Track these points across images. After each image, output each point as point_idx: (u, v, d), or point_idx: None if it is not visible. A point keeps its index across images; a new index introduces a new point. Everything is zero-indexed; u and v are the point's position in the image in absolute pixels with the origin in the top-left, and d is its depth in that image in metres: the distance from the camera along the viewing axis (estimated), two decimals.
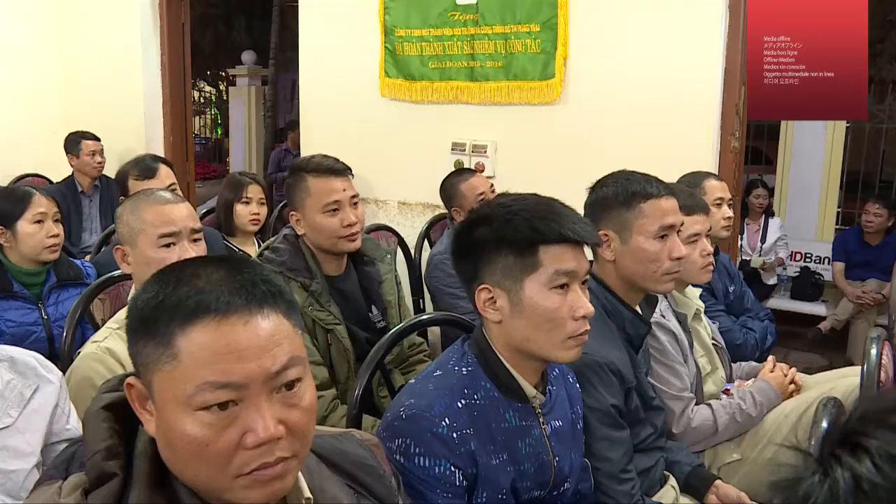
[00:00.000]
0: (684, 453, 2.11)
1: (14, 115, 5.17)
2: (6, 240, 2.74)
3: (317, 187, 2.34)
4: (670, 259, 1.89)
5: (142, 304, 0.95)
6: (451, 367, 1.51)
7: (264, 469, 0.92)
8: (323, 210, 2.33)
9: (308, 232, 2.36)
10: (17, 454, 1.52)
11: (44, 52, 5.39)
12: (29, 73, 5.32)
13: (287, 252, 2.35)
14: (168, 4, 5.16)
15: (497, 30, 3.84)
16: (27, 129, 5.21)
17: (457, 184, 3.49)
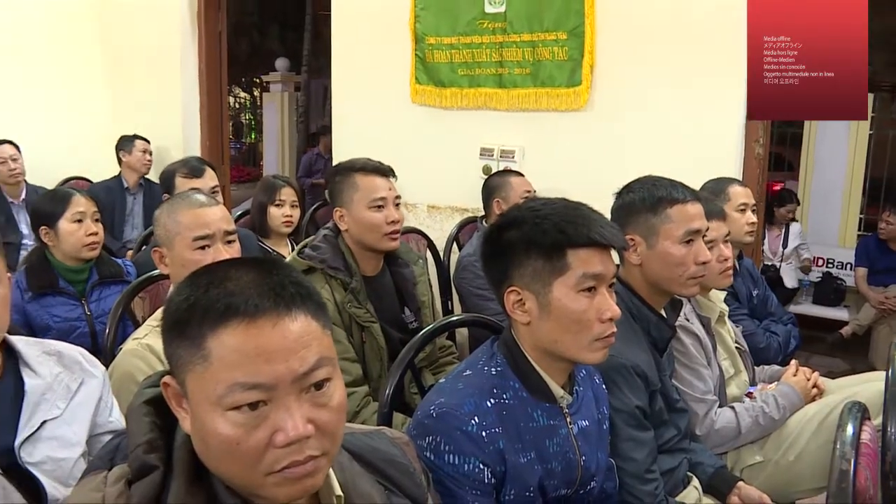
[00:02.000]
0: (707, 455, 2.12)
1: (59, 122, 5.32)
2: (50, 239, 2.83)
3: (364, 184, 2.42)
4: (696, 263, 1.91)
5: (175, 307, 0.98)
6: (481, 367, 1.53)
7: (294, 467, 0.94)
8: (369, 206, 2.40)
9: (352, 227, 2.42)
10: (65, 444, 1.57)
11: (88, 62, 5.54)
12: (73, 82, 5.46)
13: (327, 250, 2.40)
14: (206, 14, 5.27)
15: (525, 37, 3.89)
16: (71, 134, 5.35)
17: (507, 176, 3.53)
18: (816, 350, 5.39)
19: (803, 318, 4.92)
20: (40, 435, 1.54)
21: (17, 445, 1.50)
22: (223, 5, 5.40)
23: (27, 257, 2.98)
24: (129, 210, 4.91)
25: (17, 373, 1.57)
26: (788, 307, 5.08)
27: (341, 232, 2.46)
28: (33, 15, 5.29)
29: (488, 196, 3.56)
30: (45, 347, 1.65)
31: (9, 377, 1.56)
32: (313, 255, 2.39)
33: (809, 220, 6.68)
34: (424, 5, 4.16)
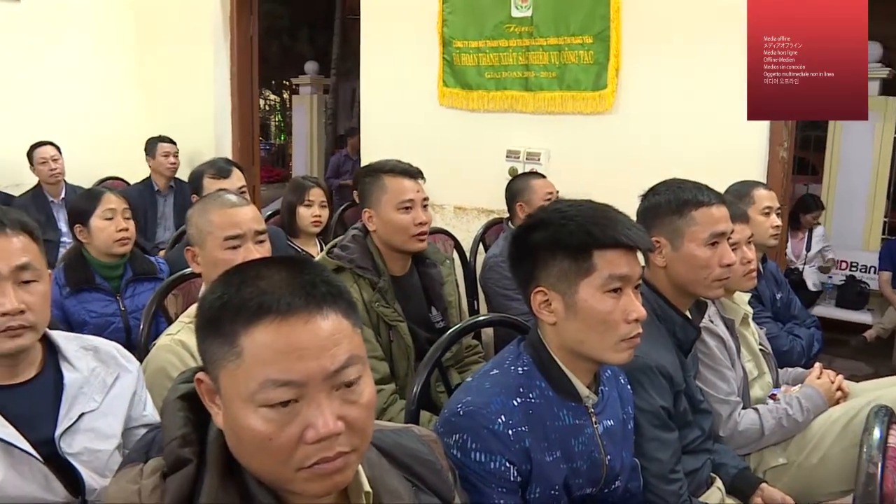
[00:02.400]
0: (731, 456, 2.12)
1: (96, 123, 5.45)
2: (84, 236, 2.90)
3: (393, 185, 2.45)
4: (720, 266, 1.92)
5: (208, 305, 0.99)
6: (508, 366, 1.55)
7: (324, 463, 0.95)
8: (397, 207, 2.43)
9: (380, 228, 2.45)
10: (101, 436, 1.61)
11: (124, 65, 5.68)
12: (110, 84, 5.61)
13: (356, 250, 2.43)
14: (238, 18, 5.35)
15: (551, 41, 3.90)
16: (108, 135, 5.47)
17: (529, 179, 3.56)
18: (839, 353, 5.35)
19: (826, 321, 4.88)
20: (78, 427, 1.58)
21: (58, 436, 1.54)
22: (255, 10, 5.47)
23: (65, 254, 3.05)
24: (160, 212, 4.98)
25: (56, 366, 1.61)
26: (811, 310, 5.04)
27: (370, 232, 2.49)
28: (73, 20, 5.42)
29: (511, 199, 3.58)
30: (82, 342, 1.70)
31: (49, 370, 1.60)
32: (342, 255, 2.42)
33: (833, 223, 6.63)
34: (452, 9, 4.20)
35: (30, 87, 5.21)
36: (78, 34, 5.45)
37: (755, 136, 3.36)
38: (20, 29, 5.18)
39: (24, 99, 5.16)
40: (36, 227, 1.61)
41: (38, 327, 1.55)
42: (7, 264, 1.50)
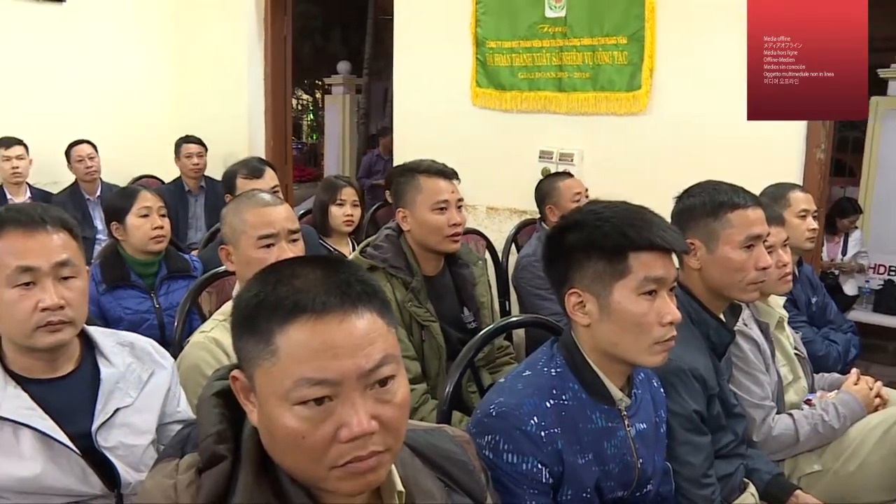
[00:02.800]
0: (764, 461, 2.09)
1: (132, 122, 5.53)
2: (120, 233, 2.93)
3: (428, 186, 2.46)
4: (756, 269, 1.90)
5: (244, 303, 1.00)
6: (541, 367, 1.54)
7: (358, 462, 0.95)
8: (432, 208, 2.43)
9: (414, 228, 2.46)
10: (136, 431, 1.63)
11: (159, 65, 5.77)
12: (146, 84, 5.69)
13: (389, 250, 2.44)
14: (272, 18, 5.40)
15: (585, 42, 3.89)
16: (144, 134, 5.55)
17: (556, 181, 3.55)
18: (877, 359, 5.26)
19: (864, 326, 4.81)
20: (114, 421, 1.60)
21: (94, 430, 1.57)
22: (289, 10, 5.51)
23: (101, 252, 3.10)
24: (191, 213, 5.03)
25: (93, 362, 1.64)
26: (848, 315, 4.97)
27: (403, 232, 2.50)
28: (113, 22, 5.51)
29: (541, 202, 3.59)
30: (119, 338, 1.72)
31: (86, 365, 1.63)
32: (375, 255, 2.44)
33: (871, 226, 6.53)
34: (486, 9, 4.19)
35: (69, 86, 5.30)
36: (117, 35, 5.54)
37: (791, 138, 3.32)
38: (62, 29, 5.27)
39: (64, 98, 5.25)
40: (75, 225, 1.63)
41: (77, 323, 1.58)
42: (47, 261, 1.52)
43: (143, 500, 1.02)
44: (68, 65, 5.29)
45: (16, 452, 1.50)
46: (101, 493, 1.56)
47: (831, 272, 5.81)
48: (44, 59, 5.17)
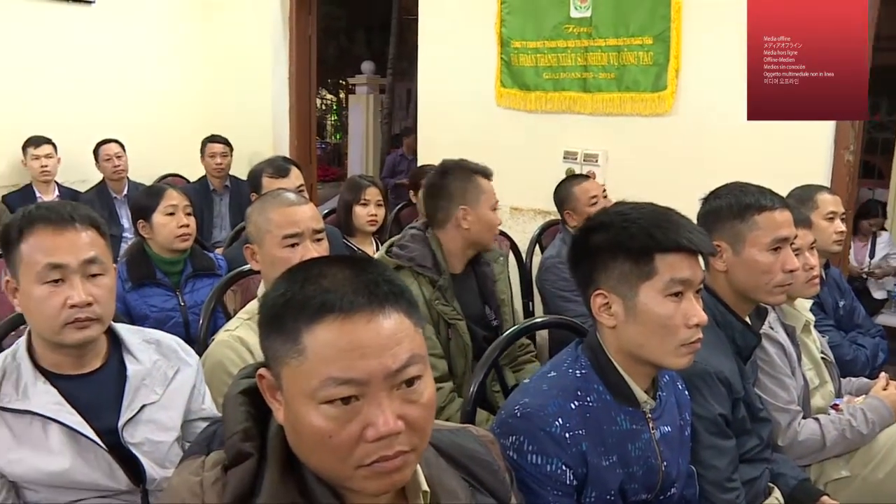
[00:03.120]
0: (790, 466, 2.07)
1: (158, 121, 5.58)
2: (146, 231, 2.96)
3: (487, 187, 2.55)
4: (783, 271, 1.88)
5: (272, 302, 1.00)
6: (566, 368, 1.54)
7: (384, 461, 0.95)
8: (492, 208, 2.53)
9: (474, 226, 2.51)
10: (162, 428, 1.65)
11: (185, 65, 5.81)
12: (172, 84, 5.74)
13: (416, 248, 2.46)
14: (297, 18, 5.43)
15: (610, 42, 3.87)
16: (169, 133, 5.61)
17: (571, 186, 3.53)
18: None
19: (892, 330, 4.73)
20: (140, 418, 1.62)
21: (120, 427, 1.58)
22: (314, 10, 5.54)
23: (127, 250, 3.12)
24: (216, 212, 5.05)
25: (120, 358, 1.65)
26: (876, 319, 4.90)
27: (429, 230, 2.52)
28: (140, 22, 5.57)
29: (559, 206, 3.59)
30: (145, 335, 1.74)
31: (113, 362, 1.65)
32: (401, 254, 2.45)
33: None
34: (510, 9, 4.19)
35: (97, 86, 5.36)
36: (144, 36, 5.60)
37: (819, 139, 3.29)
38: (91, 30, 5.33)
39: (92, 98, 5.31)
40: (103, 223, 1.65)
41: (105, 320, 1.60)
42: (76, 258, 1.54)
43: (170, 496, 1.03)
44: (96, 65, 5.35)
45: (45, 447, 1.52)
46: (126, 488, 1.58)
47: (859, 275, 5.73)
48: (73, 59, 5.23)
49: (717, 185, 2.01)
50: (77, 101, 5.22)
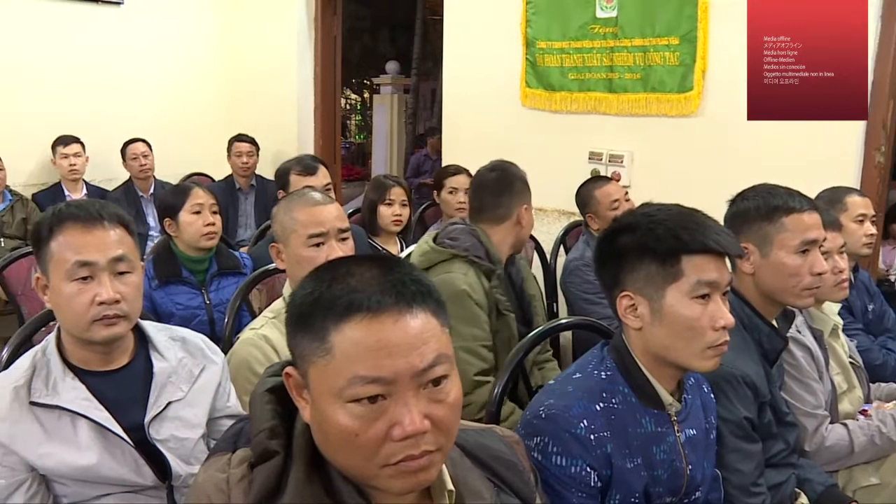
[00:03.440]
0: (817, 472, 2.05)
1: (184, 121, 5.65)
2: (173, 230, 2.98)
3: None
4: (811, 274, 1.86)
5: (299, 301, 1.00)
6: (591, 370, 1.54)
7: (409, 461, 0.95)
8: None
9: (527, 226, 2.61)
10: (187, 425, 1.66)
11: (211, 65, 5.87)
12: (197, 83, 5.80)
13: (468, 240, 2.47)
14: (322, 19, 5.45)
15: (636, 42, 3.85)
16: (195, 133, 5.66)
17: (592, 190, 3.53)
18: None
19: None
20: (165, 415, 1.64)
21: (147, 423, 1.60)
22: (339, 10, 5.56)
23: (154, 248, 3.15)
24: (241, 210, 5.10)
25: (147, 355, 1.67)
26: None
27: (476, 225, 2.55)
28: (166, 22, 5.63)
29: (581, 208, 3.59)
30: (171, 333, 1.76)
31: (140, 359, 1.67)
32: (455, 245, 2.47)
33: None
34: (536, 10, 4.18)
35: (125, 86, 5.42)
36: (171, 36, 5.66)
37: (849, 140, 3.24)
38: (120, 31, 5.39)
39: (119, 97, 5.38)
40: (131, 221, 1.67)
41: (132, 317, 1.61)
42: (104, 256, 1.56)
43: (196, 492, 1.03)
44: (125, 65, 5.42)
45: (74, 442, 1.54)
46: (152, 484, 1.60)
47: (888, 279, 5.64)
48: (101, 59, 5.30)
49: (745, 186, 1.99)
50: (105, 101, 5.29)
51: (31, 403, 1.53)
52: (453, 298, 2.35)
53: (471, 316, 2.36)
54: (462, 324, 2.33)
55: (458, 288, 2.35)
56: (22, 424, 1.52)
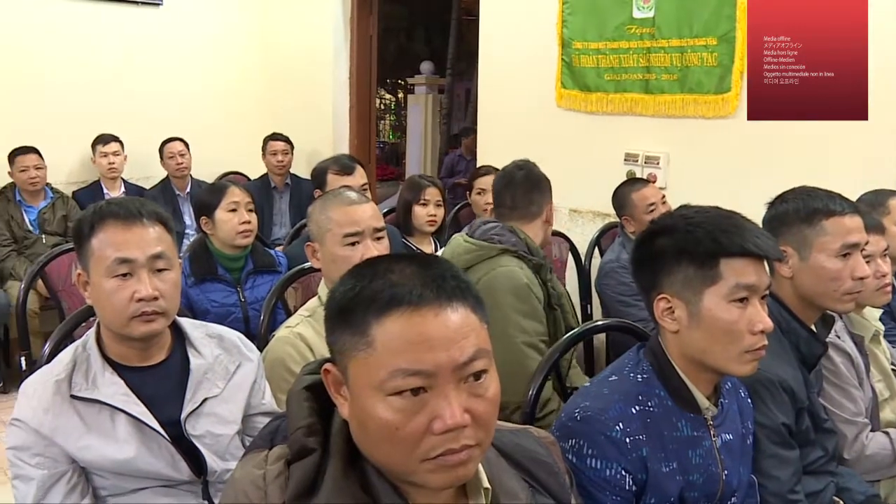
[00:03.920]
0: (857, 481, 2.00)
1: (221, 120, 5.71)
2: (209, 228, 3.01)
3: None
4: (852, 278, 1.83)
5: (340, 296, 1.01)
6: (627, 373, 1.53)
7: (449, 455, 0.96)
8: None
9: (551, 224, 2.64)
10: (223, 421, 1.68)
11: (248, 65, 5.92)
12: (234, 83, 5.87)
13: (511, 237, 2.48)
14: (358, 19, 5.48)
15: (674, 43, 3.81)
16: (231, 132, 5.72)
17: (628, 193, 3.51)
18: None
19: None
20: (202, 411, 1.66)
21: (183, 419, 1.62)
22: (375, 10, 5.58)
23: (190, 246, 3.18)
24: (276, 209, 5.15)
25: (183, 352, 1.69)
26: None
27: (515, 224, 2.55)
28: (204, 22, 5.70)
29: (617, 210, 3.58)
30: (207, 330, 1.77)
31: (177, 355, 1.69)
32: (502, 240, 2.47)
33: None
34: (572, 10, 4.16)
35: (163, 86, 5.49)
36: (208, 36, 5.73)
37: (891, 141, 3.18)
38: (159, 32, 5.48)
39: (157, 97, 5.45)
40: (170, 219, 1.69)
41: (170, 314, 1.63)
42: (143, 253, 1.58)
43: (233, 488, 1.04)
44: (163, 65, 5.49)
45: (112, 435, 1.56)
46: (188, 478, 1.62)
47: None
48: (141, 59, 5.39)
49: (784, 189, 1.96)
50: (143, 101, 5.36)
51: (71, 397, 1.55)
52: (517, 292, 2.36)
53: (532, 310, 2.37)
54: (525, 318, 2.33)
55: (521, 281, 2.36)
56: (63, 417, 1.54)
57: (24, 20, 4.90)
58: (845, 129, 3.22)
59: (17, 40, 4.87)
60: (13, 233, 4.52)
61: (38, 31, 4.95)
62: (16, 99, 4.85)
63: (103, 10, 5.22)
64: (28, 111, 4.88)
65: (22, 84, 4.88)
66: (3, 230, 4.50)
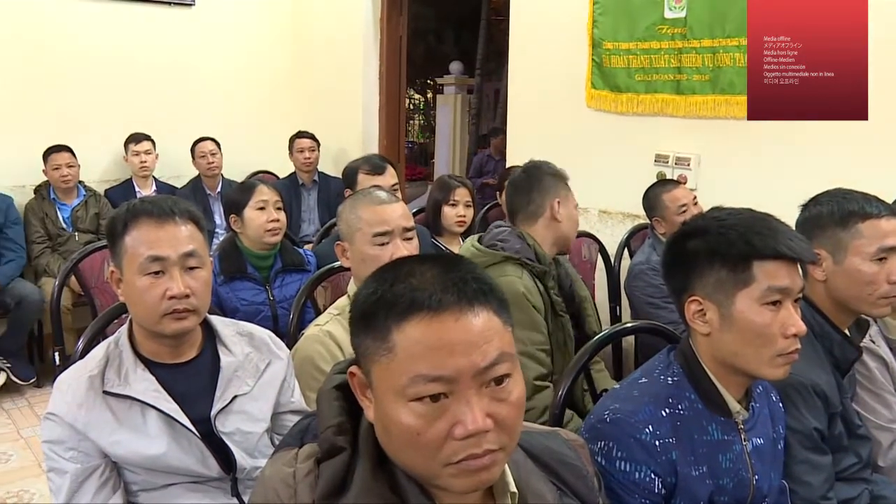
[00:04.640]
0: (893, 489, 1.96)
1: (251, 120, 5.75)
2: (238, 226, 3.03)
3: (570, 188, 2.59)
4: (888, 283, 1.80)
5: (362, 300, 1.01)
6: (657, 375, 1.52)
7: (472, 460, 0.95)
8: (575, 207, 2.58)
9: (566, 221, 2.55)
10: (252, 419, 1.69)
11: (278, 65, 5.96)
12: (265, 83, 5.90)
13: (516, 243, 2.45)
14: (388, 19, 5.49)
15: (705, 43, 3.77)
16: (261, 132, 5.76)
17: (660, 194, 3.48)
18: None
19: None
20: (231, 408, 1.67)
21: (213, 416, 1.63)
22: (405, 11, 5.59)
23: (220, 244, 3.20)
24: (305, 206, 5.18)
25: (214, 350, 1.70)
26: None
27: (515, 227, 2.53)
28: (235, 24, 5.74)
29: (648, 211, 3.55)
30: (238, 328, 1.79)
31: (207, 353, 1.70)
32: (505, 247, 2.44)
33: None
34: (603, 10, 4.13)
35: (194, 86, 5.55)
36: (239, 37, 5.77)
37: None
38: (191, 32, 5.53)
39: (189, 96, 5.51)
40: (201, 217, 1.70)
41: (201, 311, 1.64)
42: (175, 251, 1.59)
43: (263, 486, 1.05)
44: (195, 65, 5.54)
45: (144, 431, 1.58)
46: (217, 475, 1.63)
47: None
48: (173, 59, 5.43)
49: (817, 191, 1.94)
50: (175, 100, 5.42)
51: (104, 393, 1.57)
52: (512, 301, 2.32)
53: (529, 320, 2.33)
54: (521, 328, 2.29)
55: (517, 291, 2.32)
56: (96, 412, 1.56)
57: (57, 20, 4.96)
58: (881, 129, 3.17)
59: (50, 40, 4.93)
60: (47, 230, 4.59)
61: (71, 32, 5.02)
62: (50, 98, 4.92)
63: (136, 10, 5.27)
64: (61, 110, 4.95)
65: (55, 84, 4.95)
66: (38, 227, 4.56)
